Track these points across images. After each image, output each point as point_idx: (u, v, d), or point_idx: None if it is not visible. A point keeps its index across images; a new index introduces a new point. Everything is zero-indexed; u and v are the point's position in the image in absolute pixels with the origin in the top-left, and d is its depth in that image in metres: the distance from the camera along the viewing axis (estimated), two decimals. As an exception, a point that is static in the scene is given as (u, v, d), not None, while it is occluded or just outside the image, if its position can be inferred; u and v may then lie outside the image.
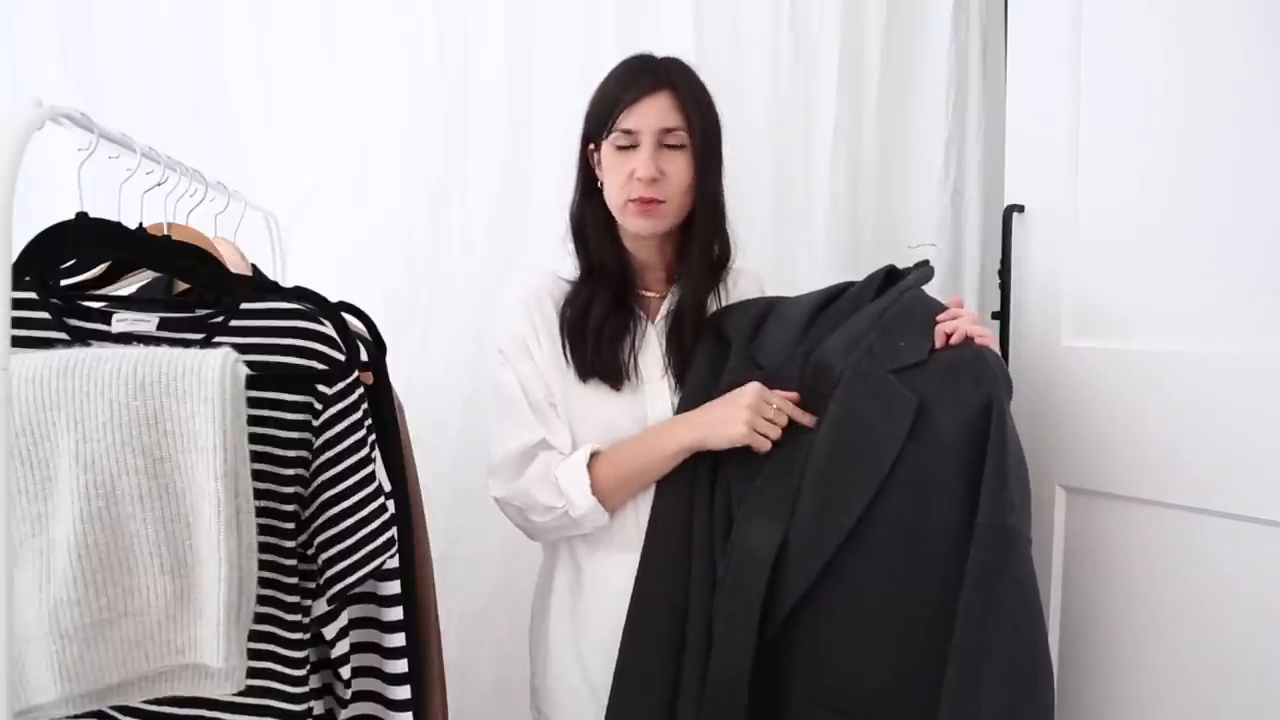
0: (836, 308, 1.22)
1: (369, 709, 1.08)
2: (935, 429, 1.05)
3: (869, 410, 1.08)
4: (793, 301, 1.25)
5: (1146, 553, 1.24)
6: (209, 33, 1.69)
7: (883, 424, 1.07)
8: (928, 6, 1.81)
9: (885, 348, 1.11)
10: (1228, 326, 1.16)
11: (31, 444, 0.87)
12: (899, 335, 1.12)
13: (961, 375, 1.06)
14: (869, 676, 1.06)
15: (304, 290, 1.03)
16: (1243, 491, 1.12)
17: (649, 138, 1.19)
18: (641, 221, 1.22)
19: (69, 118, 0.90)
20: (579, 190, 1.31)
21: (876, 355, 1.11)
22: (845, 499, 1.06)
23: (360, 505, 0.98)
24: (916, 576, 1.04)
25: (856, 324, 1.16)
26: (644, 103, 1.20)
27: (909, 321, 1.13)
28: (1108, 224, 1.30)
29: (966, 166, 1.82)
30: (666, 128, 1.20)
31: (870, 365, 1.10)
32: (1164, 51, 1.23)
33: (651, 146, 1.19)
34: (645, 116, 1.19)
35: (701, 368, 1.23)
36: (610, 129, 1.21)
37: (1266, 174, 1.12)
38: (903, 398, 1.06)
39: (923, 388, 1.07)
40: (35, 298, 0.97)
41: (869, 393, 1.09)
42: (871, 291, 1.21)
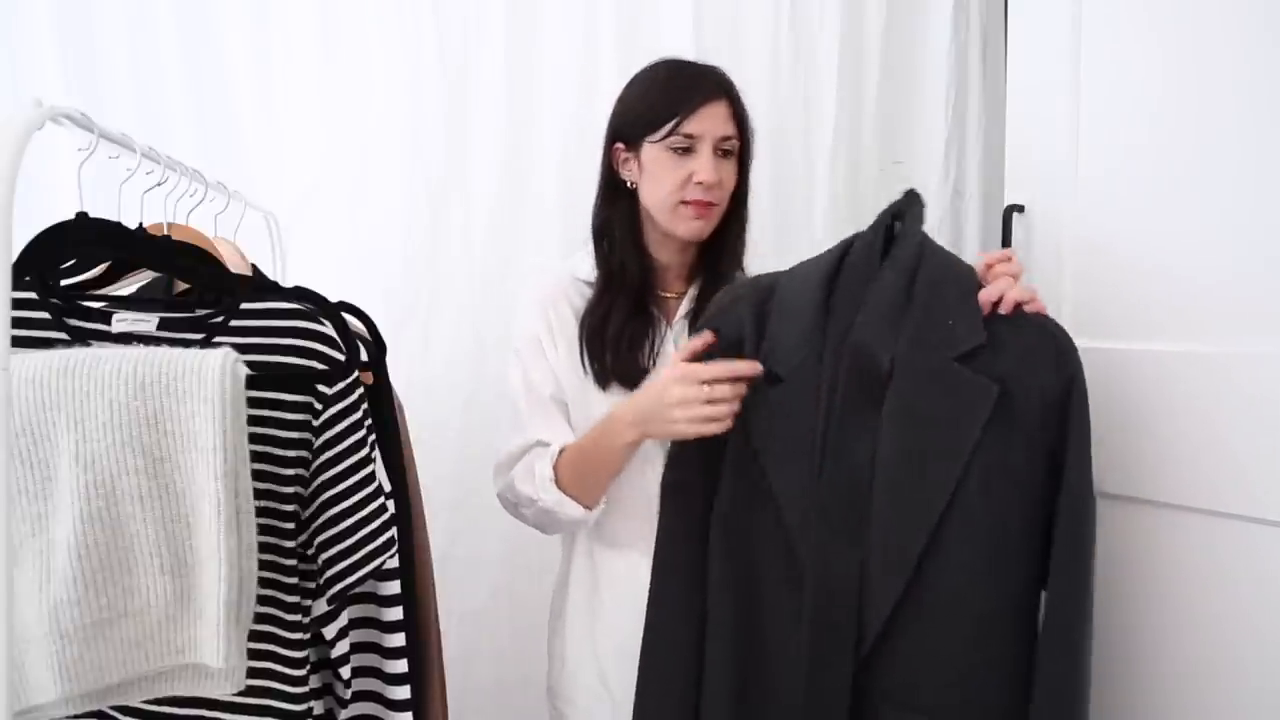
0: (846, 281, 1.09)
1: (369, 709, 1.08)
2: (1013, 415, 1.00)
3: (940, 405, 1.01)
4: (790, 288, 1.12)
5: (1147, 553, 1.24)
6: (209, 33, 1.69)
7: (958, 418, 1.00)
8: (928, 6, 1.80)
9: (937, 332, 1.03)
10: (1228, 326, 1.15)
11: (31, 444, 0.87)
12: (944, 313, 1.03)
13: (1038, 358, 1.02)
14: (942, 671, 1.03)
15: (304, 290, 1.03)
16: (1244, 492, 1.12)
17: (709, 144, 1.22)
18: (697, 224, 1.24)
19: (69, 118, 0.90)
20: (601, 193, 1.32)
21: (932, 343, 1.02)
22: (924, 505, 1.00)
23: (360, 505, 0.98)
24: (990, 566, 1.02)
25: (881, 296, 1.05)
26: (707, 109, 1.22)
27: (949, 295, 1.05)
28: (1108, 224, 1.29)
29: (966, 166, 1.82)
30: (725, 135, 1.24)
31: (928, 356, 1.02)
32: (1164, 51, 1.23)
33: (711, 152, 1.22)
34: (708, 123, 1.22)
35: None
36: (669, 132, 1.21)
37: (1267, 174, 1.12)
38: (979, 387, 1.00)
39: (998, 371, 1.01)
40: (35, 298, 0.97)
41: (937, 387, 1.01)
42: (879, 251, 1.10)
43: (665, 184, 1.23)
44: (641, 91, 1.27)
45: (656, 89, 1.26)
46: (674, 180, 1.22)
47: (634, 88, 1.29)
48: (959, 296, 1.05)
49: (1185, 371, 1.19)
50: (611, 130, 1.30)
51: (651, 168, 1.24)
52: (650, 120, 1.23)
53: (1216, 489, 1.15)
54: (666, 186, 1.23)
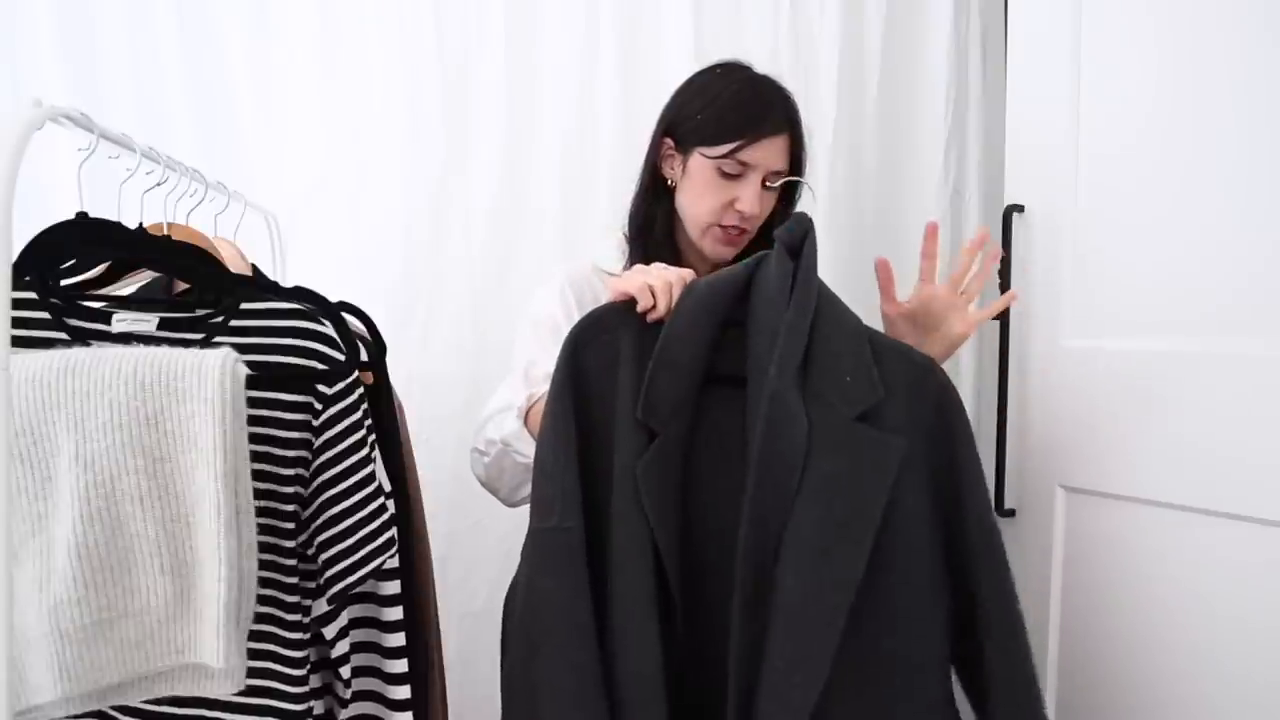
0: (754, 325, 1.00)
1: (369, 709, 1.08)
2: (912, 457, 0.97)
3: (847, 470, 0.95)
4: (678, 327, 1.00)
5: (1146, 553, 1.24)
6: (209, 33, 1.69)
7: (867, 480, 0.95)
8: (928, 6, 1.80)
9: (836, 389, 0.97)
10: (1227, 326, 1.16)
11: (31, 444, 0.87)
12: (841, 368, 0.98)
13: (913, 392, 0.99)
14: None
15: (304, 290, 1.03)
16: (1243, 491, 1.12)
17: (759, 174, 1.21)
18: (723, 249, 1.24)
19: (69, 118, 0.90)
20: (646, 189, 1.29)
21: (832, 401, 0.96)
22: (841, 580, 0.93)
23: (360, 505, 0.98)
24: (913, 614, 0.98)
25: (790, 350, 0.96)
26: (770, 142, 1.20)
27: (844, 348, 0.99)
28: (1108, 224, 1.30)
29: (966, 166, 1.81)
30: (777, 171, 1.23)
31: (829, 416, 0.95)
32: (1164, 52, 1.23)
33: (759, 183, 1.21)
34: (766, 155, 1.20)
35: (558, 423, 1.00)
36: (725, 154, 1.19)
37: (1266, 174, 1.12)
38: (885, 445, 0.96)
39: (897, 422, 0.97)
40: (35, 298, 0.97)
41: (843, 452, 0.95)
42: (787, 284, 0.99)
43: (706, 203, 1.22)
44: (709, 98, 1.22)
45: (725, 102, 1.21)
46: (716, 203, 1.21)
47: (701, 90, 1.24)
48: (853, 349, 0.99)
49: (1185, 371, 1.19)
50: (665, 123, 1.27)
51: (696, 180, 1.22)
52: (709, 134, 1.20)
53: (1216, 489, 1.15)
54: (706, 206, 1.22)
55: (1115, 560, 1.28)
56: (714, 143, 1.19)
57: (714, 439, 1.00)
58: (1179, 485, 1.19)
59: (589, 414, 1.00)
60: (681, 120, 1.24)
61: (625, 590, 0.96)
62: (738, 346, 1.01)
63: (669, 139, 1.26)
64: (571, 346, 1.02)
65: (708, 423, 1.00)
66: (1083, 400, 1.31)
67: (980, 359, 1.80)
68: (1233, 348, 1.14)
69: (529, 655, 0.99)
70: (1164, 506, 1.21)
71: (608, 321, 1.03)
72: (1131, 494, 1.25)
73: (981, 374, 1.80)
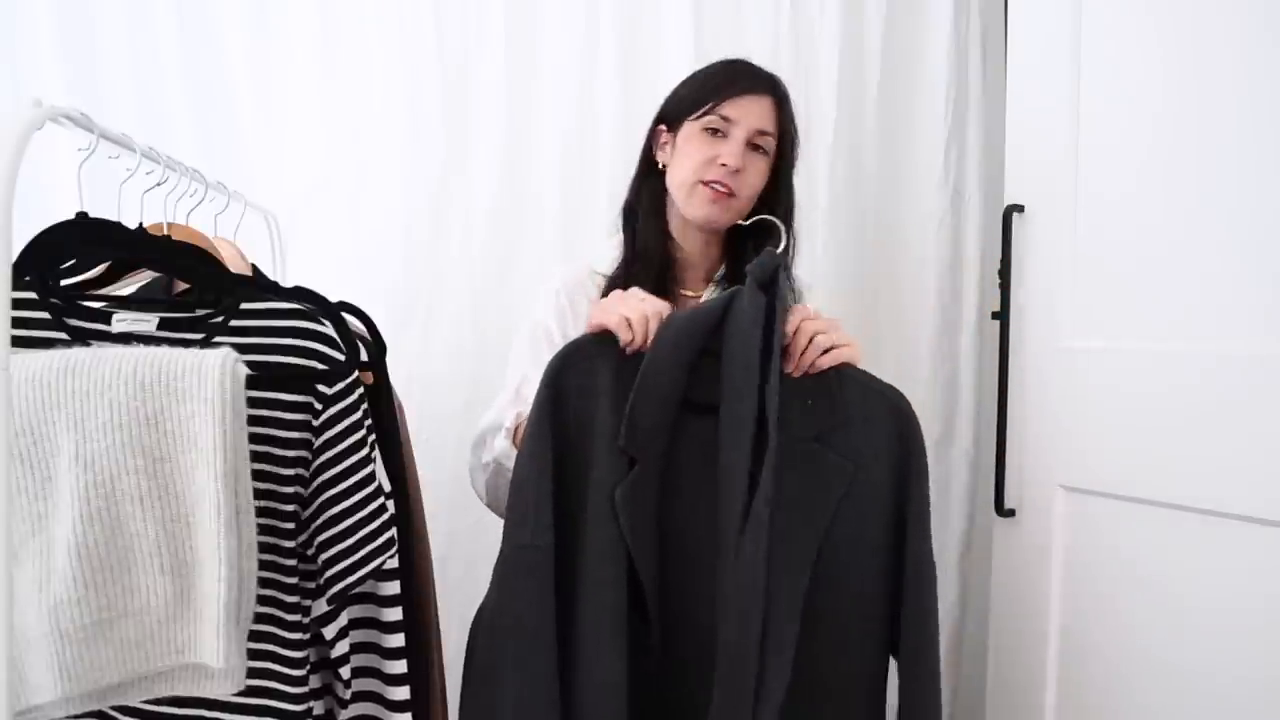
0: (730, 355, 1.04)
1: (369, 709, 1.08)
2: (866, 487, 1.05)
3: (801, 486, 1.02)
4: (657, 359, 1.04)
5: (1146, 553, 1.24)
6: (209, 33, 1.69)
7: (816, 497, 1.03)
8: (928, 6, 1.81)
9: (798, 411, 1.03)
10: (1227, 326, 1.16)
11: (31, 444, 0.87)
12: (803, 392, 1.05)
13: (882, 429, 1.06)
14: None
15: (304, 290, 1.03)
16: (1243, 491, 1.12)
17: (742, 132, 1.22)
18: (709, 208, 1.23)
19: (69, 118, 0.90)
20: (638, 173, 1.33)
21: (792, 424, 1.02)
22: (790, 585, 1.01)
23: (360, 505, 0.98)
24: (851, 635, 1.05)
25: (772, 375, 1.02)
26: (749, 98, 1.23)
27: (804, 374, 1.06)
28: (1108, 224, 1.30)
29: (966, 166, 1.82)
30: (761, 129, 1.23)
31: (788, 436, 1.02)
32: (1164, 52, 1.24)
33: (743, 140, 1.22)
34: (747, 111, 1.22)
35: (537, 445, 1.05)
36: (706, 111, 1.22)
37: (1266, 174, 1.12)
38: (836, 467, 1.04)
39: (850, 448, 1.04)
40: (35, 298, 0.97)
41: (800, 468, 1.02)
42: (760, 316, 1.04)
43: (692, 160, 1.23)
44: (693, 79, 1.29)
45: (707, 74, 1.28)
46: (699, 158, 1.22)
47: (689, 77, 1.30)
48: (817, 378, 1.06)
49: (1185, 371, 1.19)
50: (659, 114, 1.31)
51: (683, 145, 1.25)
52: (694, 101, 1.24)
53: (1216, 489, 1.15)
54: (691, 164, 1.23)
55: (1115, 560, 1.28)
56: (697, 107, 1.23)
57: (688, 464, 1.05)
58: (1179, 485, 1.19)
59: (567, 437, 1.04)
60: (671, 104, 1.29)
61: (596, 605, 1.01)
62: (712, 375, 1.05)
63: (662, 125, 1.29)
64: (553, 371, 1.06)
65: (683, 448, 1.05)
66: (1083, 400, 1.31)
67: (980, 359, 1.80)
68: (1232, 348, 1.14)
69: (491, 668, 1.04)
70: (1164, 506, 1.21)
71: (588, 350, 1.07)
72: (1131, 494, 1.25)
73: (981, 374, 1.80)
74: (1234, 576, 1.14)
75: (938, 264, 1.82)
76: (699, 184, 1.22)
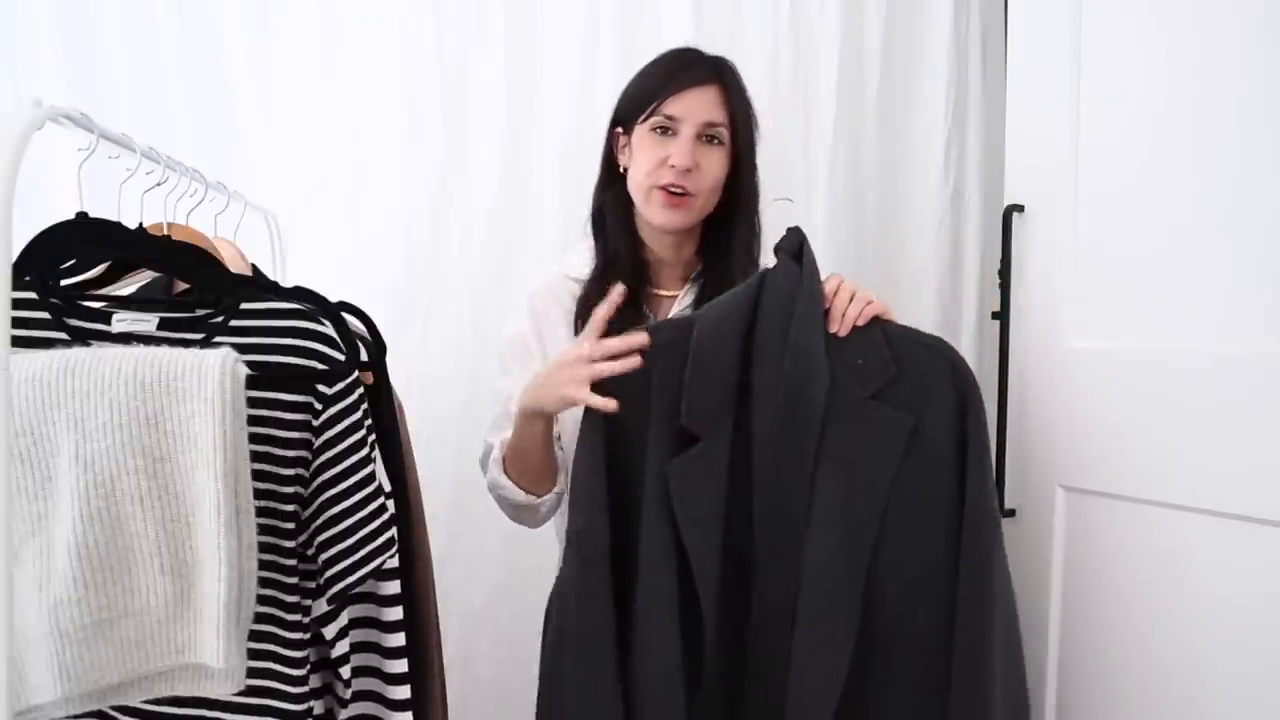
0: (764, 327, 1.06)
1: (369, 709, 1.08)
2: (924, 441, 1.05)
3: (860, 444, 1.04)
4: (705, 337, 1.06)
5: (1146, 553, 1.24)
6: (209, 33, 1.69)
7: (877, 454, 1.04)
8: (928, 6, 1.81)
9: (850, 372, 1.05)
10: (1227, 326, 1.16)
11: (32, 444, 0.87)
12: (853, 352, 1.06)
13: (934, 377, 1.06)
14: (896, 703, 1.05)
15: (304, 290, 1.03)
16: (1243, 491, 1.12)
17: (690, 128, 1.19)
18: (667, 214, 1.21)
19: (69, 118, 0.90)
20: (602, 175, 1.31)
21: (847, 383, 1.04)
22: (856, 545, 1.03)
23: (360, 505, 0.98)
24: (922, 592, 1.05)
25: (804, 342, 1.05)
26: (692, 92, 1.19)
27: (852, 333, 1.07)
28: (1108, 224, 1.30)
29: (966, 166, 1.82)
30: (710, 121, 1.20)
31: (845, 395, 1.04)
32: (1164, 51, 1.23)
33: (692, 137, 1.19)
34: (692, 106, 1.19)
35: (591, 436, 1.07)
36: (651, 112, 1.20)
37: (1267, 174, 1.12)
38: (895, 421, 1.04)
39: (908, 401, 1.05)
40: (35, 298, 0.97)
41: (857, 426, 1.04)
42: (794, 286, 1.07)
43: (641, 165, 1.20)
44: (639, 76, 1.26)
45: (649, 71, 1.25)
46: (650, 161, 1.19)
47: (637, 73, 1.27)
48: (861, 334, 1.07)
49: (1185, 371, 1.19)
50: (613, 115, 1.28)
51: (636, 149, 1.22)
52: (640, 101, 1.21)
53: (1216, 489, 1.15)
54: (643, 168, 1.20)
55: (1115, 560, 1.28)
56: (644, 108, 1.21)
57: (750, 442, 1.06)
58: (1179, 485, 1.19)
59: (621, 421, 1.05)
60: (622, 105, 1.26)
61: (651, 589, 1.03)
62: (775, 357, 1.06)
63: (618, 128, 1.27)
64: None
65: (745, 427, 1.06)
66: (1083, 400, 1.31)
67: (980, 359, 1.80)
68: (1233, 348, 1.14)
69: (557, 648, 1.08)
70: (1164, 506, 1.21)
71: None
72: (1131, 494, 1.25)
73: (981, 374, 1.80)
74: (1234, 576, 1.14)
75: (938, 264, 1.82)
76: (654, 189, 1.20)
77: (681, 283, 1.29)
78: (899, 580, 1.04)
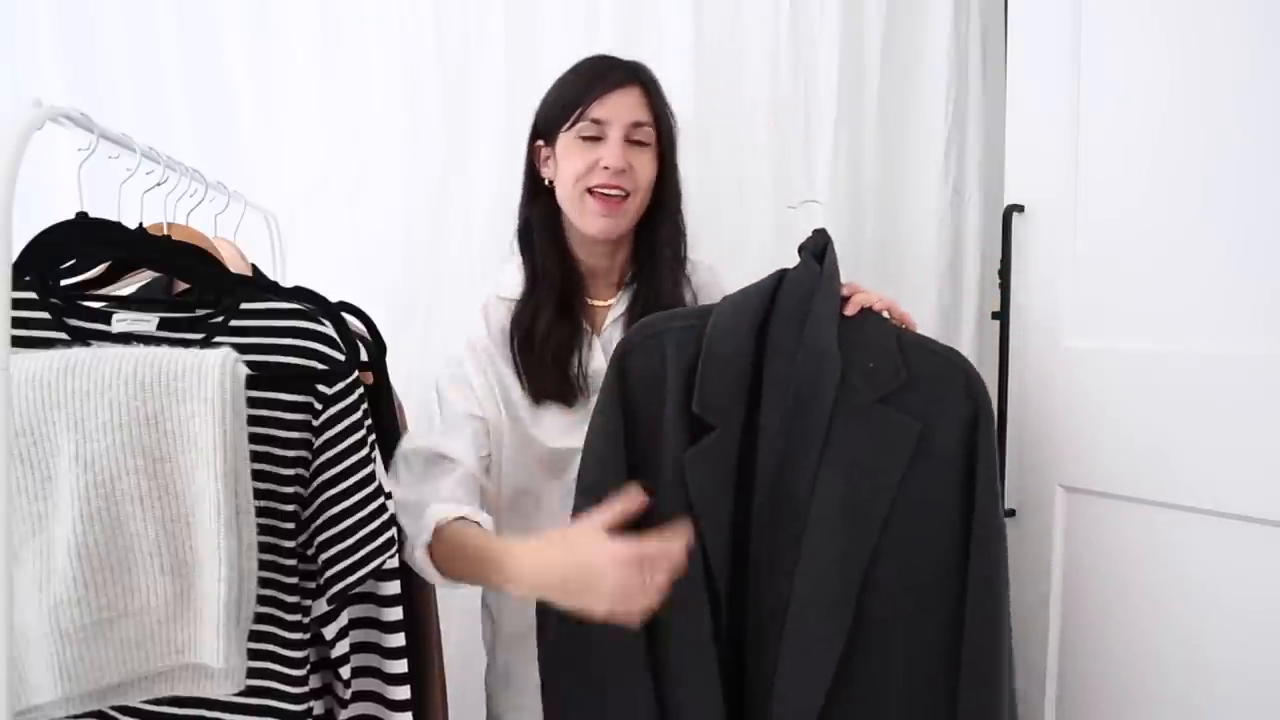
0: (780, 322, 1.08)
1: (369, 709, 1.08)
2: (932, 447, 1.05)
3: (868, 447, 1.04)
4: (721, 328, 1.08)
5: (1146, 553, 1.24)
6: (209, 33, 1.69)
7: (884, 458, 1.04)
8: (928, 6, 1.80)
9: (861, 375, 1.06)
10: (1227, 326, 1.16)
11: (32, 444, 0.87)
12: (865, 355, 1.07)
13: (947, 387, 1.07)
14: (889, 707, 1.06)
15: (304, 290, 1.03)
16: (1243, 491, 1.12)
17: (618, 130, 1.19)
18: (602, 221, 1.20)
19: (69, 118, 0.90)
20: (525, 194, 1.30)
21: (857, 386, 1.05)
22: (857, 545, 1.03)
23: (360, 505, 0.98)
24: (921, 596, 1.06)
25: (816, 343, 1.06)
26: (616, 95, 1.19)
27: (867, 337, 1.09)
28: (1108, 224, 1.30)
29: (966, 166, 1.82)
30: (636, 122, 1.20)
31: (854, 399, 1.05)
32: (1164, 51, 1.24)
33: (620, 139, 1.19)
34: (617, 108, 1.19)
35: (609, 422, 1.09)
36: (577, 119, 1.19)
37: (1267, 174, 1.12)
38: (902, 427, 1.05)
39: (917, 408, 1.05)
40: (35, 298, 0.97)
41: (865, 429, 1.05)
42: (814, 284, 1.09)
43: (573, 168, 1.19)
44: (557, 86, 1.25)
45: (568, 79, 1.24)
46: (580, 166, 1.18)
47: (553, 85, 1.26)
48: (875, 338, 1.08)
49: (1185, 371, 1.19)
50: (533, 129, 1.28)
51: (562, 158, 1.21)
52: (562, 110, 1.21)
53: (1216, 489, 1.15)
54: (572, 174, 1.19)
55: (1115, 560, 1.28)
56: (567, 116, 1.20)
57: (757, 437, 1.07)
58: (1179, 485, 1.19)
59: (635, 411, 1.08)
60: (542, 117, 1.26)
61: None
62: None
63: (539, 141, 1.26)
64: (620, 352, 1.11)
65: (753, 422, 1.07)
66: (1083, 400, 1.31)
67: (980, 359, 1.80)
68: (1233, 348, 1.14)
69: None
70: (1164, 506, 1.21)
71: (654, 326, 1.11)
72: (1131, 494, 1.25)
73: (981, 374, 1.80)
74: (1235, 577, 1.14)
75: (938, 264, 1.82)
76: (586, 193, 1.19)
77: (614, 290, 1.28)
78: (898, 585, 1.04)
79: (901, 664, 1.05)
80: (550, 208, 1.26)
